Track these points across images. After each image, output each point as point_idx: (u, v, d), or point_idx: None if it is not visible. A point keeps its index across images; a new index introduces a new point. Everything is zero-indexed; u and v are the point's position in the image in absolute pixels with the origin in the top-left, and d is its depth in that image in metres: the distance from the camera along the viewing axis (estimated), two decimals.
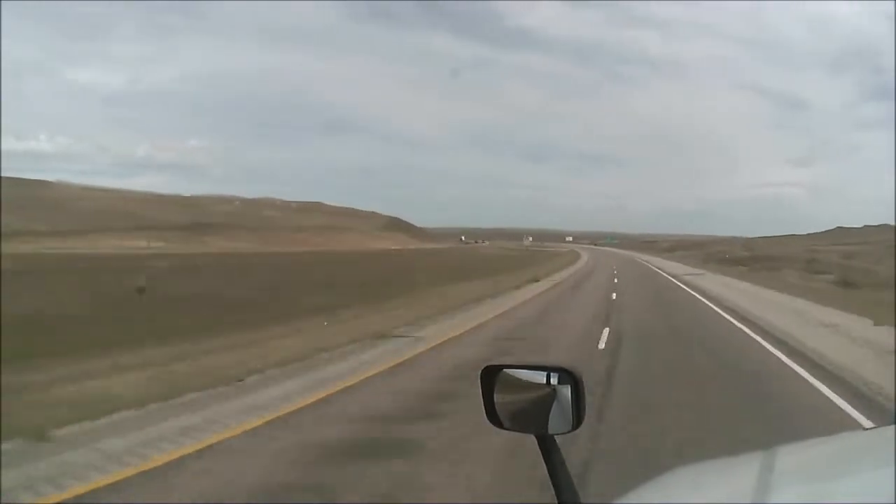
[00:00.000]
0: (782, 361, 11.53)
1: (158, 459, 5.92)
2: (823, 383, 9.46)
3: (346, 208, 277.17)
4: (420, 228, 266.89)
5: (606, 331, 14.91)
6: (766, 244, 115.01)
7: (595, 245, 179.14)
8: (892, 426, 1.25)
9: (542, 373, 1.61)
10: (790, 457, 1.16)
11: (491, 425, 1.66)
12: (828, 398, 8.59)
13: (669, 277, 42.29)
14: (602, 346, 12.93)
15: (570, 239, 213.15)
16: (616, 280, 37.03)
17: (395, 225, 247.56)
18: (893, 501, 0.80)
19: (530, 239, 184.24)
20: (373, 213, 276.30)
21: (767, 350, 12.91)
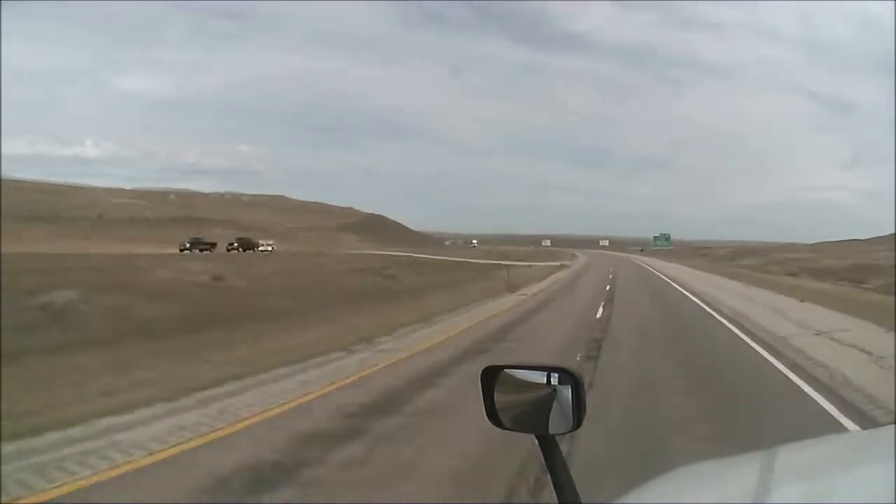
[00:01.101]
0: None
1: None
2: None
3: (315, 203, 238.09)
4: (411, 230, 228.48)
5: None
6: (837, 250, 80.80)
7: (640, 252, 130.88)
8: (892, 426, 1.25)
9: (542, 373, 1.62)
10: (790, 457, 1.16)
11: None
12: None
13: None
14: None
15: (606, 243, 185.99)
16: None
17: (373, 223, 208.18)
18: (893, 501, 0.81)
19: (548, 243, 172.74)
20: (349, 209, 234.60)
21: None
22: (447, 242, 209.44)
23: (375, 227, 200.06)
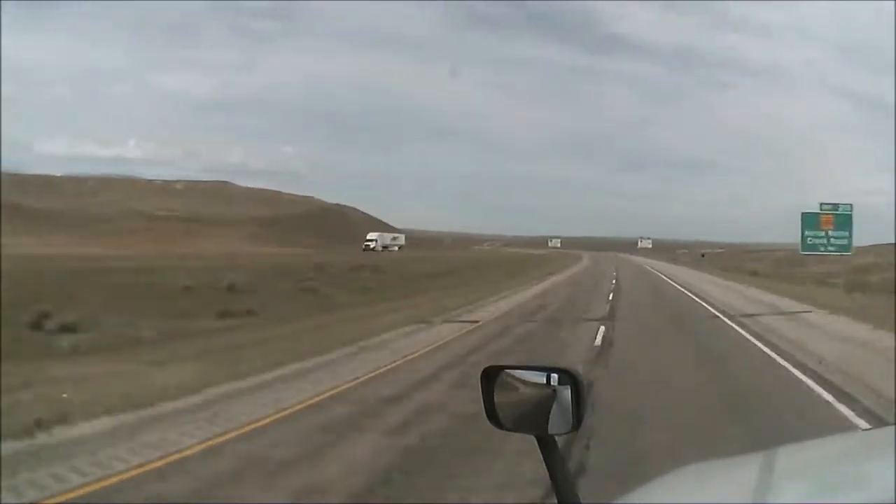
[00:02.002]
0: None
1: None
2: None
3: (264, 190, 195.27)
4: (388, 226, 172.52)
5: None
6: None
7: (702, 257, 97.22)
8: (892, 426, 1.25)
9: (542, 373, 1.62)
10: (790, 457, 1.16)
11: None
12: None
13: None
14: None
15: (648, 244, 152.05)
16: None
17: (330, 217, 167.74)
18: (893, 501, 0.80)
19: (557, 242, 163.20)
20: (309, 198, 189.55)
21: None
22: (486, 245, 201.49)
23: (333, 221, 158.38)
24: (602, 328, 15.07)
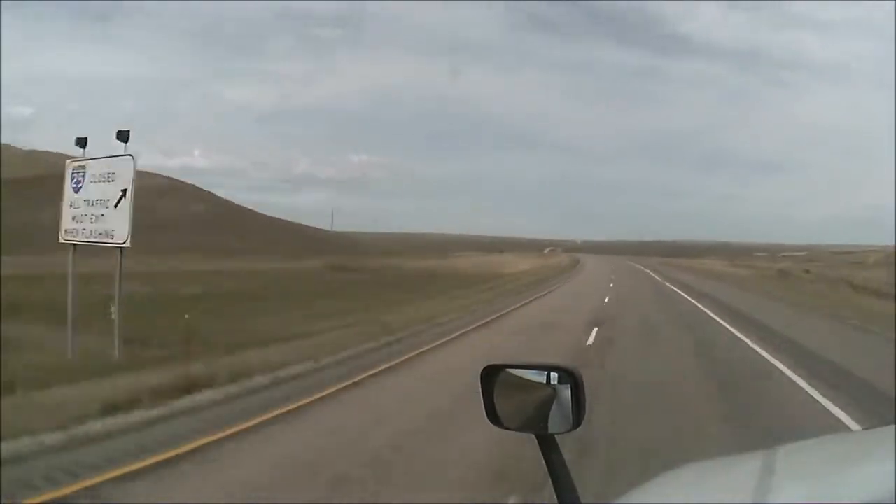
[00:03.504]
0: None
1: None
2: None
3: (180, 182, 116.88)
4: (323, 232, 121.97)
5: None
6: None
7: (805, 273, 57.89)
8: (892, 426, 1.25)
9: (542, 372, 1.62)
10: (790, 457, 1.16)
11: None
12: None
13: None
14: None
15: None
16: None
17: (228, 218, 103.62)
18: (893, 501, 0.80)
19: (550, 249, 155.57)
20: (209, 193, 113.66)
21: None
22: (546, 250, 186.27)
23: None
24: None
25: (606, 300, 25.83)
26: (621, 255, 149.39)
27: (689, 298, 29.01)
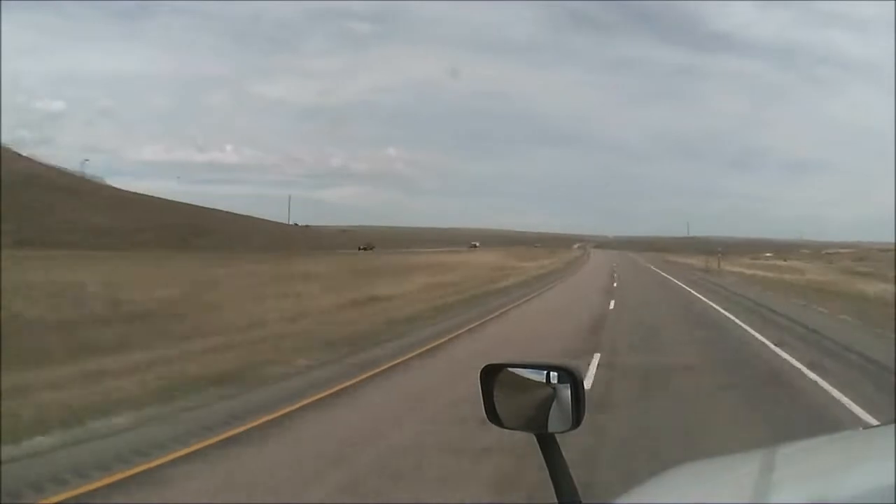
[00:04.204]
0: None
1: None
2: None
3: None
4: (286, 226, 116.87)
5: None
6: None
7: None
8: (892, 426, 1.25)
9: (542, 372, 1.62)
10: (790, 457, 1.16)
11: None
12: None
13: None
14: None
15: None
16: None
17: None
18: (893, 501, 0.80)
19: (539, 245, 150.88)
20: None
21: None
22: (576, 246, 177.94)
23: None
24: None
25: None
26: (654, 252, 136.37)
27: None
